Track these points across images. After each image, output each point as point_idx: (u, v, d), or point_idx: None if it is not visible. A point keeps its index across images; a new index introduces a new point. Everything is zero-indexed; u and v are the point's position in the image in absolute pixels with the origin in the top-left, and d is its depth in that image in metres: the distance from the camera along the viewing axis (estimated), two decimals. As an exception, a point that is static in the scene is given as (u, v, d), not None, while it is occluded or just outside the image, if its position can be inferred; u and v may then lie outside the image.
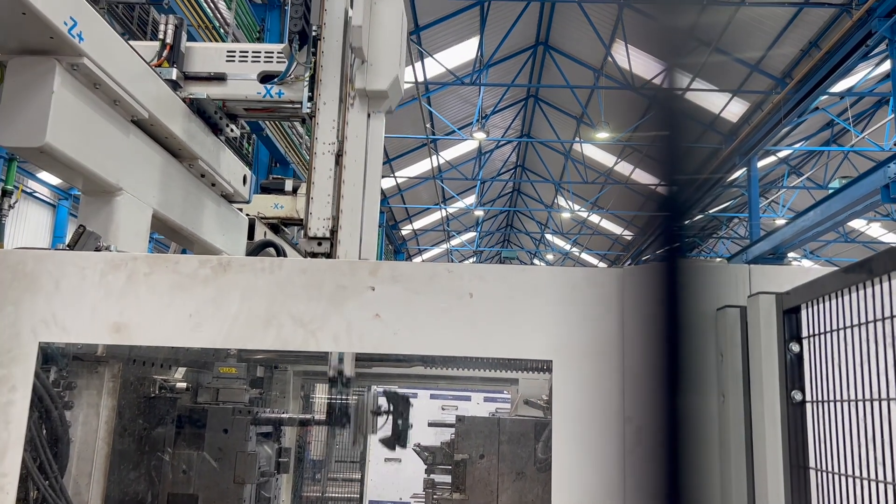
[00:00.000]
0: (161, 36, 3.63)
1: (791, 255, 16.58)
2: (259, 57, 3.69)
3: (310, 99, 3.43)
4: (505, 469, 2.70)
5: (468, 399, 8.51)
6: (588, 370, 1.87)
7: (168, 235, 3.81)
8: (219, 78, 3.67)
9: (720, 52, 16.89)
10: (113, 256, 2.04)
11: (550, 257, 36.40)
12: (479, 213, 30.25)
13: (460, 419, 2.81)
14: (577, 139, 23.18)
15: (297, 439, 3.80)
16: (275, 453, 3.03)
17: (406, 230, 31.79)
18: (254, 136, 11.77)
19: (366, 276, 1.96)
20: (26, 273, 1.97)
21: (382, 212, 25.34)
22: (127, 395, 2.45)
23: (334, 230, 3.18)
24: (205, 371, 2.93)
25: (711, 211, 24.68)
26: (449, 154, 25.38)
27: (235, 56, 3.71)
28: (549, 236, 34.65)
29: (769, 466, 1.50)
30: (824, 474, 1.38)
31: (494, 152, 26.91)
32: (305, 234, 3.20)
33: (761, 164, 19.98)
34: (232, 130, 3.99)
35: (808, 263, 25.57)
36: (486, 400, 8.27)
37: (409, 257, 33.96)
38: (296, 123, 13.98)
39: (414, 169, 25.54)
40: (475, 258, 35.81)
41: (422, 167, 25.18)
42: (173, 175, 3.52)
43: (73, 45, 2.59)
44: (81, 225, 2.60)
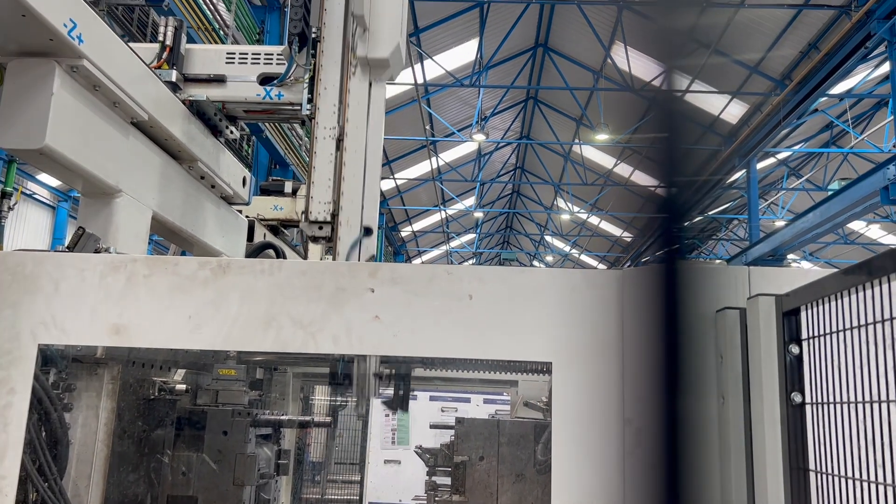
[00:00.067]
0: (161, 38, 3.62)
1: (790, 257, 16.58)
2: (259, 59, 3.69)
3: (309, 101, 3.43)
4: (505, 471, 2.70)
5: (468, 401, 8.50)
6: (588, 372, 1.87)
7: (167, 237, 3.81)
8: (218, 80, 3.67)
9: (719, 54, 16.92)
10: (112, 258, 2.04)
11: (550, 259, 36.41)
12: (479, 215, 30.26)
13: (460, 421, 2.80)
14: (577, 141, 23.19)
15: (297, 441, 3.80)
16: (274, 455, 3.03)
17: (406, 232, 31.79)
18: (253, 138, 11.79)
19: (365, 278, 1.96)
20: (26, 275, 1.97)
21: (382, 213, 25.34)
22: (126, 397, 2.45)
23: (335, 214, 3.19)
24: (204, 373, 2.93)
25: (711, 213, 24.69)
26: (448, 156, 25.40)
27: (235, 58, 3.71)
28: (549, 238, 34.66)
29: (769, 468, 1.50)
30: (824, 476, 1.38)
31: (494, 154, 26.93)
32: (306, 218, 3.20)
33: (761, 166, 20.00)
34: (231, 132, 3.99)
35: (808, 265, 25.58)
36: (486, 402, 8.26)
37: (409, 259, 33.96)
38: (295, 125, 13.99)
39: (413, 171, 25.55)
40: (475, 260, 35.81)
41: (421, 169, 25.20)
42: (173, 177, 3.52)
43: (73, 47, 2.59)
44: (81, 227, 2.60)
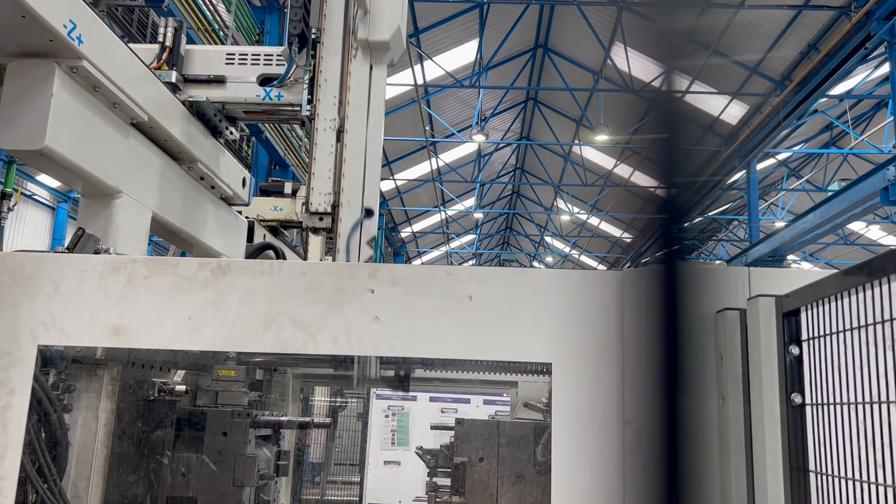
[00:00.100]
0: (160, 39, 3.63)
1: (790, 258, 16.58)
2: (258, 60, 3.70)
3: (309, 101, 3.43)
4: (504, 472, 2.70)
5: (467, 402, 8.48)
6: (588, 373, 1.87)
7: (167, 238, 3.81)
8: (218, 81, 3.67)
9: (719, 55, 16.92)
10: (112, 259, 2.04)
11: (550, 260, 36.40)
12: (479, 216, 30.26)
13: (459, 422, 2.80)
14: (577, 142, 23.20)
15: (297, 442, 3.80)
16: (274, 456, 3.02)
17: (405, 233, 31.79)
18: (253, 139, 11.79)
19: (365, 279, 1.96)
20: (25, 276, 1.97)
21: (382, 214, 25.33)
22: (126, 398, 2.45)
23: (335, 205, 3.19)
24: (204, 374, 2.93)
25: (711, 213, 24.69)
26: (448, 157, 25.40)
27: (235, 59, 3.71)
28: (549, 239, 34.66)
29: (769, 469, 1.50)
30: (824, 477, 1.37)
31: (494, 155, 26.93)
32: (307, 210, 3.20)
33: (761, 167, 20.01)
34: (231, 133, 3.99)
35: (808, 266, 25.58)
36: (486, 403, 8.25)
37: (409, 260, 33.96)
38: (295, 126, 14.00)
39: (413, 171, 25.55)
40: (474, 261, 35.81)
41: (421, 170, 25.20)
42: (172, 178, 3.52)
43: (73, 48, 2.59)
44: (81, 227, 2.60)
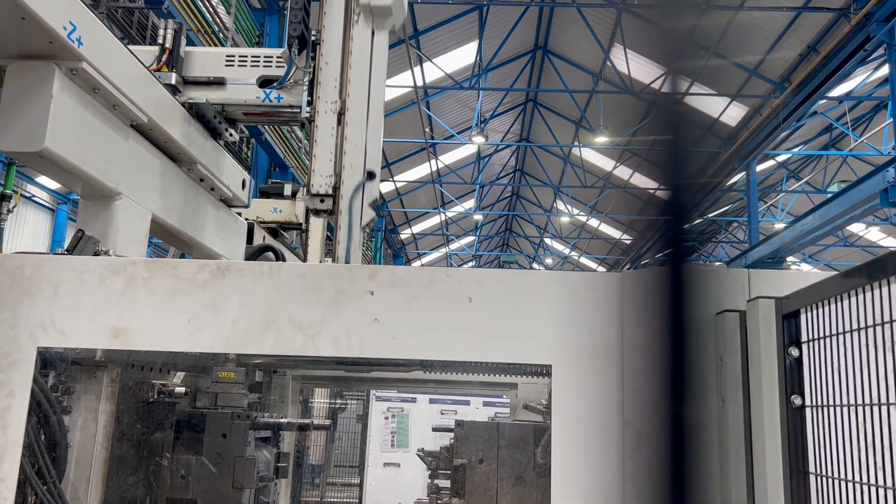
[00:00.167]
0: (160, 40, 3.62)
1: (790, 260, 16.58)
2: (258, 61, 3.69)
3: (309, 103, 3.43)
4: (504, 474, 2.69)
5: (467, 403, 8.48)
6: (587, 374, 1.87)
7: (167, 240, 3.81)
8: (218, 82, 3.67)
9: (719, 56, 16.93)
10: (112, 261, 2.03)
11: (549, 261, 36.41)
12: (478, 218, 30.26)
13: (459, 424, 2.79)
14: (576, 143, 23.21)
15: (296, 444, 3.79)
16: (273, 458, 3.02)
17: (405, 234, 31.79)
18: (253, 141, 11.79)
19: (365, 281, 1.96)
20: (25, 278, 1.97)
21: (381, 216, 25.38)
22: (125, 400, 2.44)
23: (336, 186, 3.21)
24: (203, 376, 2.92)
25: (710, 215, 24.69)
26: (448, 158, 25.42)
27: (234, 60, 3.71)
28: (548, 240, 34.67)
29: (769, 471, 1.50)
30: (824, 479, 1.37)
31: (493, 156, 26.94)
32: (308, 192, 3.22)
33: (760, 168, 20.02)
34: (231, 135, 3.99)
35: (807, 267, 25.59)
36: (486, 404, 8.25)
37: (408, 261, 33.96)
38: (295, 128, 14.00)
39: (413, 173, 25.56)
40: (474, 262, 35.81)
41: (421, 171, 25.21)
42: (172, 179, 3.52)
43: (73, 50, 2.59)
44: (80, 229, 2.60)
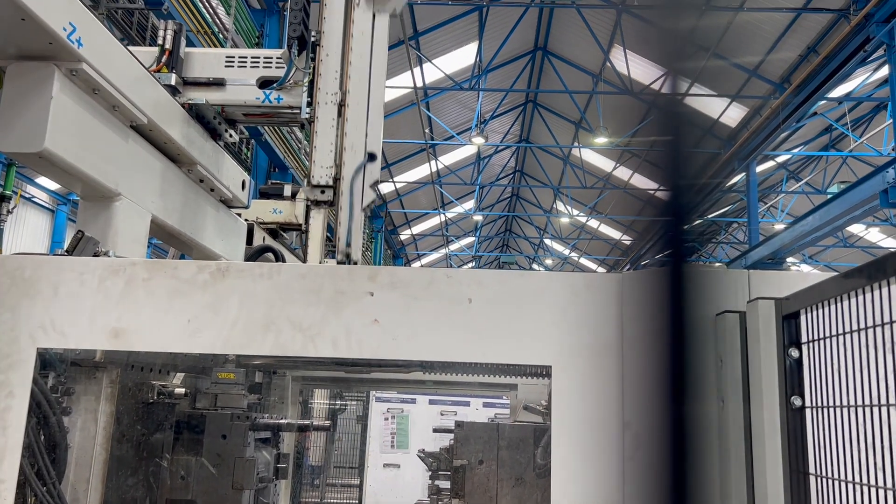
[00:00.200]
0: (160, 41, 3.62)
1: (790, 260, 16.58)
2: (258, 62, 3.70)
3: (308, 104, 3.43)
4: (504, 475, 2.69)
5: (467, 404, 8.49)
6: (587, 375, 1.87)
7: (167, 241, 3.81)
8: (218, 83, 3.67)
9: (719, 57, 16.93)
10: (111, 262, 2.03)
11: (549, 262, 36.40)
12: (478, 218, 30.25)
13: (459, 425, 2.79)
14: (576, 144, 23.21)
15: (296, 445, 3.79)
16: (273, 459, 3.02)
17: (405, 235, 31.79)
18: (252, 142, 11.78)
19: (364, 282, 1.96)
20: (24, 278, 1.97)
21: (381, 217, 25.39)
22: (125, 401, 2.44)
23: (337, 178, 3.23)
24: (203, 376, 2.92)
25: (710, 216, 24.70)
26: (448, 159, 25.41)
27: (234, 61, 3.71)
28: (548, 241, 34.67)
29: (769, 472, 1.50)
30: (824, 480, 1.37)
31: (493, 157, 26.94)
32: (308, 183, 3.23)
33: (760, 169, 20.02)
34: (231, 136, 3.99)
35: (807, 268, 25.59)
36: (485, 405, 8.25)
37: (408, 262, 33.95)
38: (294, 129, 14.00)
39: (413, 174, 25.55)
40: (474, 263, 35.80)
41: (421, 172, 25.20)
42: (172, 180, 3.52)
43: (73, 51, 2.59)
44: (80, 230, 2.60)
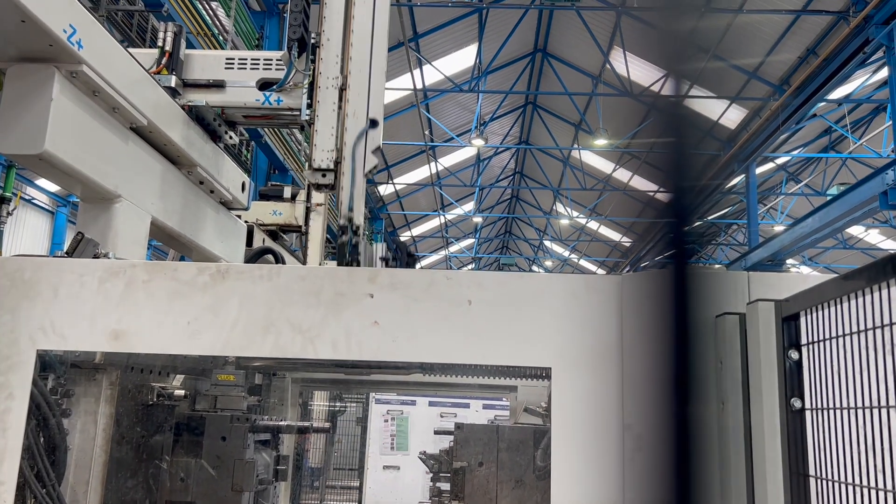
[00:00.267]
0: (160, 43, 3.63)
1: (790, 262, 16.59)
2: (258, 64, 3.70)
3: (308, 105, 3.43)
4: (504, 477, 2.69)
5: (467, 406, 8.49)
6: (587, 377, 1.87)
7: (166, 242, 3.81)
8: (217, 85, 3.68)
9: (718, 59, 16.94)
10: (111, 264, 2.03)
11: (549, 264, 36.40)
12: (478, 220, 30.25)
13: (459, 427, 2.79)
14: (576, 146, 23.22)
15: (296, 447, 3.79)
16: (273, 461, 3.02)
17: (405, 237, 31.78)
18: (252, 144, 11.79)
19: (364, 284, 1.96)
20: (24, 280, 1.97)
21: (381, 218, 25.38)
22: (125, 403, 2.44)
23: (338, 161, 3.24)
24: (203, 378, 2.92)
25: (710, 217, 24.70)
26: (447, 161, 25.40)
27: (234, 63, 3.71)
28: (548, 243, 34.66)
29: (769, 474, 1.50)
30: (824, 482, 1.37)
31: (493, 159, 26.94)
32: (310, 166, 3.24)
33: (760, 171, 20.02)
34: (231, 137, 3.99)
35: (807, 270, 25.59)
36: (485, 407, 8.26)
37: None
38: (294, 131, 13.99)
39: (412, 176, 25.55)
40: (474, 265, 35.80)
41: (420, 174, 25.21)
42: (172, 182, 3.52)
43: (73, 53, 2.59)
44: (80, 232, 2.60)
